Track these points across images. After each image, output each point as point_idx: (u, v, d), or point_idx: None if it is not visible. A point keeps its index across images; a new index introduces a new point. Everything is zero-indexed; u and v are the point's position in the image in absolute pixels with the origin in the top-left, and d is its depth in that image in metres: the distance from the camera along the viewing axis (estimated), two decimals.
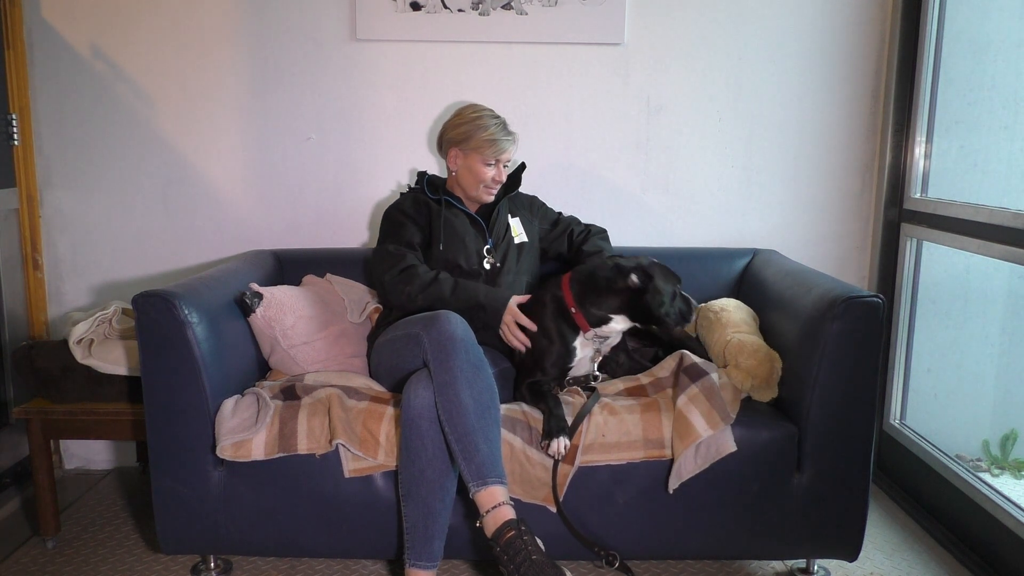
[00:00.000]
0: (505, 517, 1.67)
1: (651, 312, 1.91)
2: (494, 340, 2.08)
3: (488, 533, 1.68)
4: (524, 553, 1.62)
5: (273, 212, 2.61)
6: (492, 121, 2.15)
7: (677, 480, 1.82)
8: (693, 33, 2.53)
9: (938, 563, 2.13)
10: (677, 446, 1.82)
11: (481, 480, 1.70)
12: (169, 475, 1.85)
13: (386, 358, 1.98)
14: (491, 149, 2.13)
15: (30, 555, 2.15)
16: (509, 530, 1.65)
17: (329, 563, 2.10)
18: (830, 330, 1.79)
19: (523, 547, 1.62)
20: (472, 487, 1.70)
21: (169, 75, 2.53)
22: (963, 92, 2.46)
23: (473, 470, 1.70)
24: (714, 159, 2.60)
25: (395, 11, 2.48)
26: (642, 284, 1.91)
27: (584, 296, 1.95)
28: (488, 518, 1.68)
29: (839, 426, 1.84)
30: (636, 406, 1.89)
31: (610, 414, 1.87)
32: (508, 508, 1.69)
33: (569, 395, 1.98)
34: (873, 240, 2.64)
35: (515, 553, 1.62)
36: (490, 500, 1.69)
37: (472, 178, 2.16)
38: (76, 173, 2.57)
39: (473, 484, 1.70)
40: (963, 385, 2.55)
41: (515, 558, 1.62)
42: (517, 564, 1.61)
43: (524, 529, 1.66)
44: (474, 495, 1.70)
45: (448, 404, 1.73)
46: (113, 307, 2.26)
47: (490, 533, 1.67)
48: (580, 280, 1.98)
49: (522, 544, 1.63)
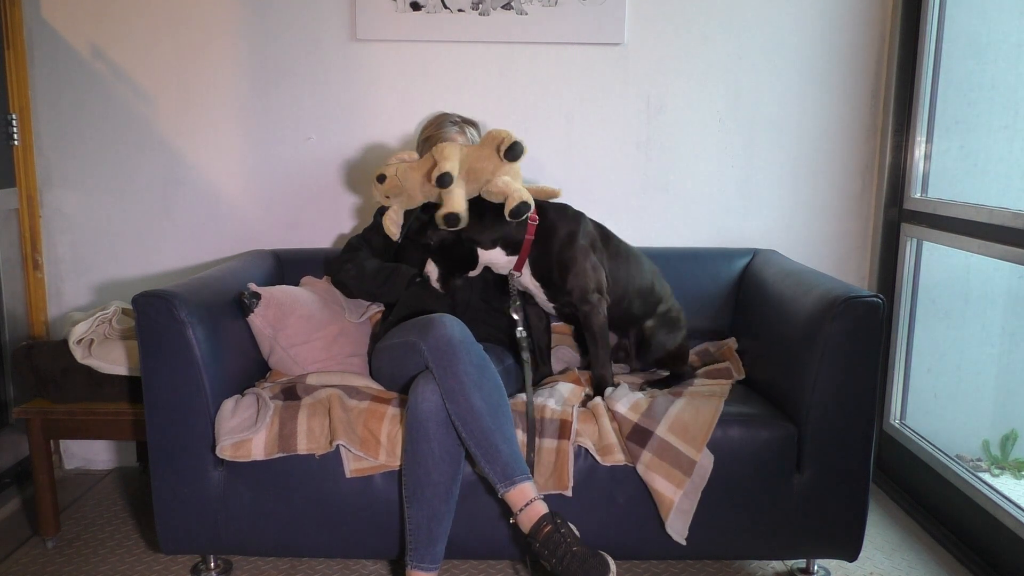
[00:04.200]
0: (540, 512, 1.68)
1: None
2: (493, 336, 2.08)
3: (525, 530, 1.68)
4: (564, 546, 1.63)
5: (273, 212, 2.61)
6: (437, 119, 2.24)
7: (684, 531, 1.83)
8: (693, 33, 2.53)
9: (938, 563, 2.13)
10: (661, 511, 1.82)
11: (509, 480, 1.70)
12: (169, 475, 1.85)
13: (386, 365, 1.99)
14: (430, 140, 2.18)
15: (30, 555, 2.15)
16: (546, 525, 1.66)
17: (329, 563, 2.10)
18: (830, 330, 1.79)
19: (562, 540, 1.63)
20: (501, 488, 1.71)
21: (169, 75, 2.53)
22: (963, 92, 2.46)
23: (499, 471, 1.71)
24: (714, 159, 2.60)
25: (395, 11, 2.48)
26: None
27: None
28: (522, 516, 1.69)
29: (839, 426, 1.84)
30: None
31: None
32: (540, 503, 1.69)
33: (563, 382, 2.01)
34: (873, 240, 2.64)
35: (555, 547, 1.63)
36: (521, 498, 1.69)
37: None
38: (76, 173, 2.57)
39: (501, 485, 1.71)
40: (963, 385, 2.55)
41: (556, 551, 1.63)
42: (560, 557, 1.62)
43: (560, 522, 1.67)
44: (503, 495, 1.71)
45: (460, 410, 1.72)
46: (113, 307, 2.26)
47: (527, 530, 1.68)
48: None
49: (561, 537, 1.64)
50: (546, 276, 1.99)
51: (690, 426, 1.84)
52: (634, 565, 2.10)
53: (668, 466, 1.81)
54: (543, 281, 2.00)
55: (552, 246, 1.97)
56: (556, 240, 1.98)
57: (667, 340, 2.14)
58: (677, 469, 1.81)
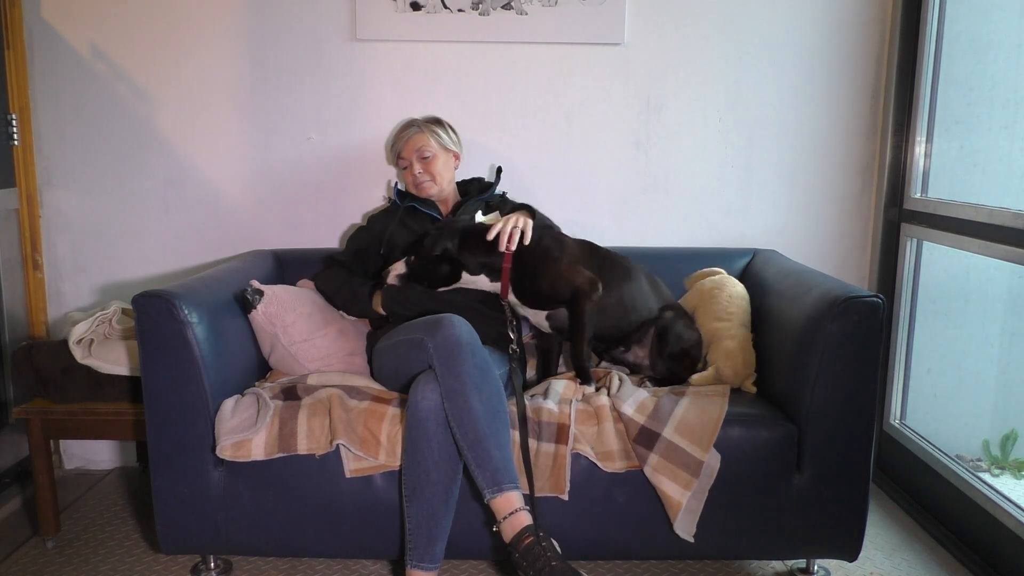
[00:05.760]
0: (523, 523, 1.68)
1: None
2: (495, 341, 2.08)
3: (506, 539, 1.68)
4: (544, 559, 1.62)
5: (273, 212, 2.60)
6: (401, 126, 2.30)
7: (692, 529, 1.83)
8: (693, 33, 2.53)
9: (938, 563, 2.13)
10: (669, 512, 1.82)
11: (496, 486, 1.70)
12: (169, 475, 1.85)
13: (388, 363, 1.98)
14: (395, 147, 2.28)
15: (30, 555, 2.15)
16: (527, 536, 1.66)
17: (329, 563, 2.10)
18: (830, 330, 1.79)
19: (542, 553, 1.63)
20: (487, 493, 1.71)
21: (169, 75, 2.53)
22: (963, 92, 2.46)
23: (488, 477, 1.71)
24: (714, 159, 2.60)
25: (395, 11, 2.48)
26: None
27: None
28: (505, 524, 1.69)
29: (839, 426, 1.84)
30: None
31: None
32: (525, 514, 1.69)
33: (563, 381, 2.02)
34: (873, 240, 2.64)
35: (534, 559, 1.63)
36: (507, 506, 1.69)
37: (406, 180, 2.28)
38: (76, 173, 2.57)
39: (488, 491, 1.70)
40: (963, 385, 2.55)
41: (535, 564, 1.63)
42: (537, 570, 1.62)
43: (542, 535, 1.67)
44: (489, 501, 1.71)
45: (458, 411, 1.72)
46: (113, 307, 2.26)
47: (508, 539, 1.68)
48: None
49: (541, 550, 1.64)
50: (526, 291, 2.05)
51: (696, 426, 1.84)
52: (634, 565, 2.10)
53: (675, 468, 1.81)
54: (524, 297, 2.06)
55: (525, 263, 2.03)
56: (530, 257, 2.04)
57: (685, 334, 2.11)
58: (684, 471, 1.80)
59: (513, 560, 1.67)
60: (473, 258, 2.05)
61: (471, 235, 2.06)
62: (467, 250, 2.04)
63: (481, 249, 2.05)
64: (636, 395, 1.92)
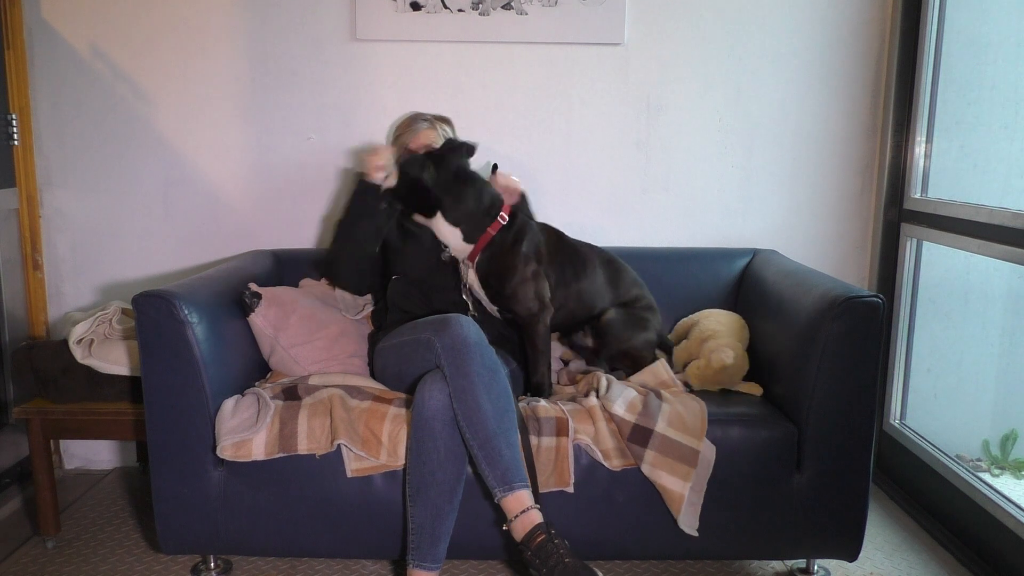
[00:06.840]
0: (534, 521, 1.68)
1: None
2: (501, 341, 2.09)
3: (518, 538, 1.68)
4: (556, 556, 1.62)
5: (273, 212, 2.60)
6: (408, 119, 2.29)
7: (695, 523, 1.83)
8: (693, 33, 2.53)
9: (938, 563, 2.13)
10: (671, 507, 1.82)
11: (507, 485, 1.70)
12: (169, 475, 1.85)
13: (392, 363, 1.98)
14: (402, 138, 2.24)
15: (30, 555, 2.15)
16: (539, 534, 1.66)
17: (329, 563, 2.10)
18: (830, 330, 1.79)
19: (555, 551, 1.63)
20: (498, 492, 1.71)
21: (169, 75, 2.53)
22: (963, 92, 2.46)
23: (498, 476, 1.71)
24: (714, 159, 2.60)
25: (395, 11, 2.48)
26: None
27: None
28: (516, 523, 1.69)
29: (839, 426, 1.84)
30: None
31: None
32: (536, 512, 1.69)
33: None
34: (873, 240, 2.64)
35: (547, 557, 1.63)
36: (517, 505, 1.69)
37: None
38: (76, 173, 2.57)
39: (499, 490, 1.70)
40: (963, 385, 2.55)
41: (547, 561, 1.62)
42: (550, 568, 1.62)
43: (554, 532, 1.66)
44: (500, 500, 1.71)
45: (467, 410, 1.72)
46: (113, 307, 2.26)
47: (520, 538, 1.68)
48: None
49: (553, 548, 1.63)
50: (487, 278, 2.03)
51: (686, 419, 1.86)
52: (634, 565, 2.10)
53: (673, 461, 1.81)
54: (484, 282, 2.04)
55: (496, 250, 2.01)
56: (502, 244, 2.01)
57: (625, 334, 2.11)
58: (682, 462, 1.81)
59: (525, 558, 1.66)
60: (457, 205, 1.98)
61: (464, 180, 1.99)
62: (453, 195, 1.98)
63: (472, 199, 1.98)
64: (625, 394, 1.92)
